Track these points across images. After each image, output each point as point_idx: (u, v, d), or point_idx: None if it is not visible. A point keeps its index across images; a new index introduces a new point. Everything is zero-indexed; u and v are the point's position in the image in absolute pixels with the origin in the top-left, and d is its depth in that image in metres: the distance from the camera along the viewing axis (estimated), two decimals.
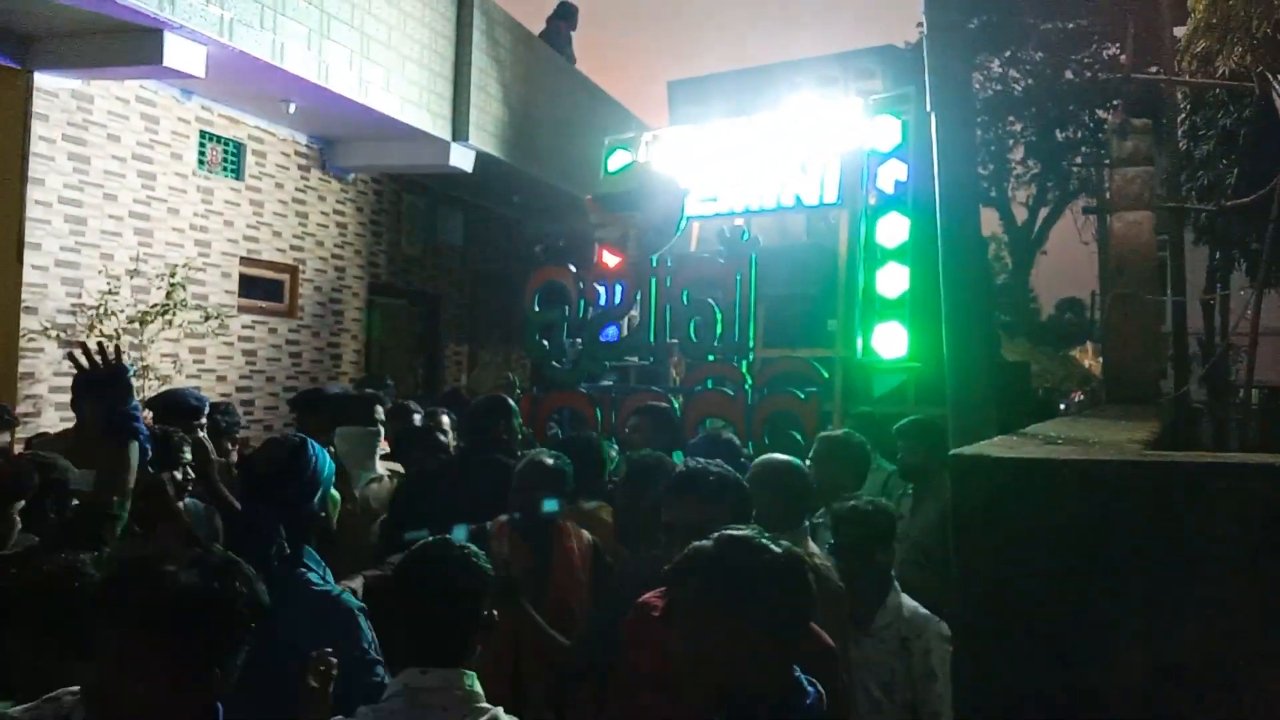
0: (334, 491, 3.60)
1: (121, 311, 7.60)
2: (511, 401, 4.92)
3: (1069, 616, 1.90)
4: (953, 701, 2.35)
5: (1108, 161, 9.07)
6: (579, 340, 6.78)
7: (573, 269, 6.86)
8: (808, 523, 3.56)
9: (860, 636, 3.29)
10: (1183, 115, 10.24)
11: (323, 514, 2.87)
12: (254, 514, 2.78)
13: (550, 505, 3.40)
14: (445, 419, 5.92)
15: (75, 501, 3.01)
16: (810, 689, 1.89)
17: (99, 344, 2.95)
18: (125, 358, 3.01)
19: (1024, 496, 1.92)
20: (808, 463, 4.08)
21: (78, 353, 2.92)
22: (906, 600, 3.42)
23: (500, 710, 2.13)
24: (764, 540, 1.93)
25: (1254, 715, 1.94)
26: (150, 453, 3.03)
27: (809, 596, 1.92)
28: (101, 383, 2.90)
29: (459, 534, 2.53)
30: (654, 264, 6.55)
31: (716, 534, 1.96)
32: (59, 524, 2.93)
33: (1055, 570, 1.90)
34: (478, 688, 2.15)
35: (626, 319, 6.74)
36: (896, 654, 3.30)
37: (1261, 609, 1.92)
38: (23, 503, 2.84)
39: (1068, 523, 1.95)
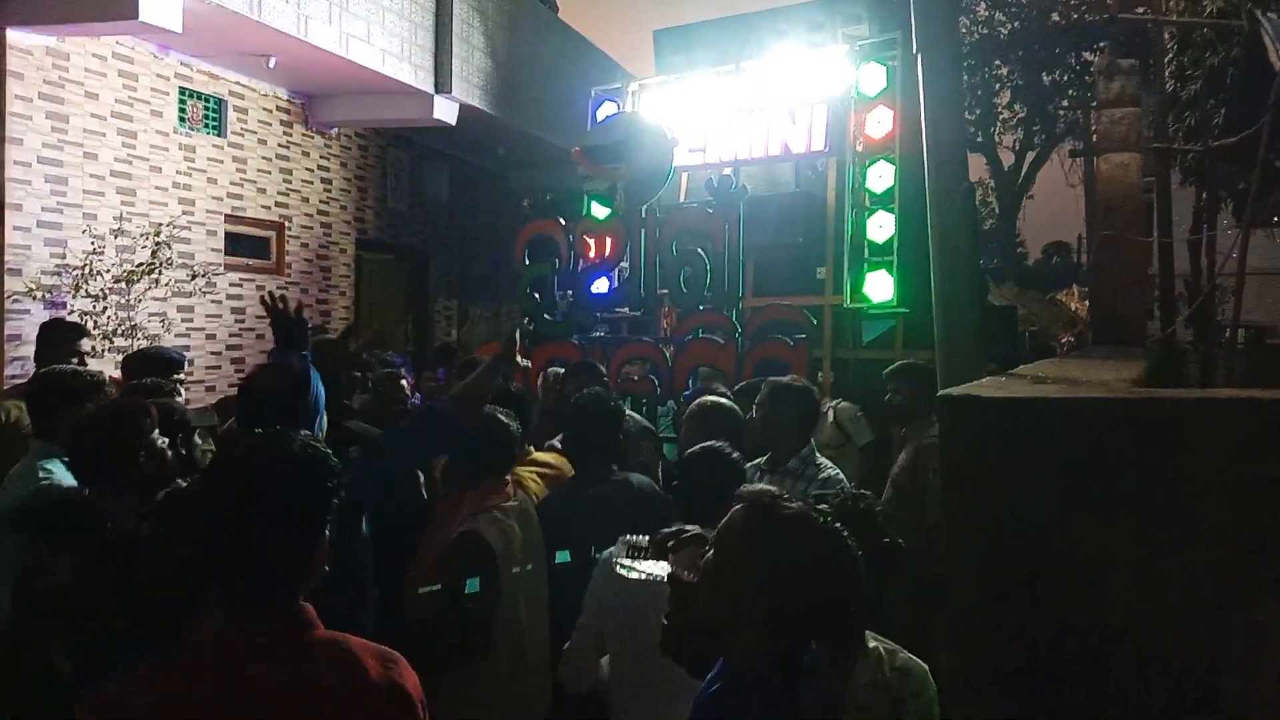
0: None
1: (107, 271, 7.55)
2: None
3: (1057, 556, 1.93)
4: (940, 642, 2.36)
5: (1094, 104, 9.03)
6: (569, 293, 6.79)
7: (561, 221, 6.84)
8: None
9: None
10: (1170, 55, 10.20)
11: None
12: None
13: None
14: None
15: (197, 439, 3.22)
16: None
17: (275, 294, 3.21)
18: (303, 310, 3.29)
19: (1012, 436, 1.95)
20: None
21: (267, 297, 3.20)
22: (887, 645, 2.41)
23: None
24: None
25: (1241, 648, 1.98)
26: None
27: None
28: (292, 329, 3.13)
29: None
30: (643, 215, 6.54)
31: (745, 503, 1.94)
32: (187, 459, 3.09)
33: (1043, 510, 1.92)
34: None
35: (617, 270, 6.74)
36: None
37: (1247, 543, 1.96)
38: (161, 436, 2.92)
39: (1056, 461, 1.98)
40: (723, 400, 4.13)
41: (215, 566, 1.77)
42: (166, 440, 2.93)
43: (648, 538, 2.38)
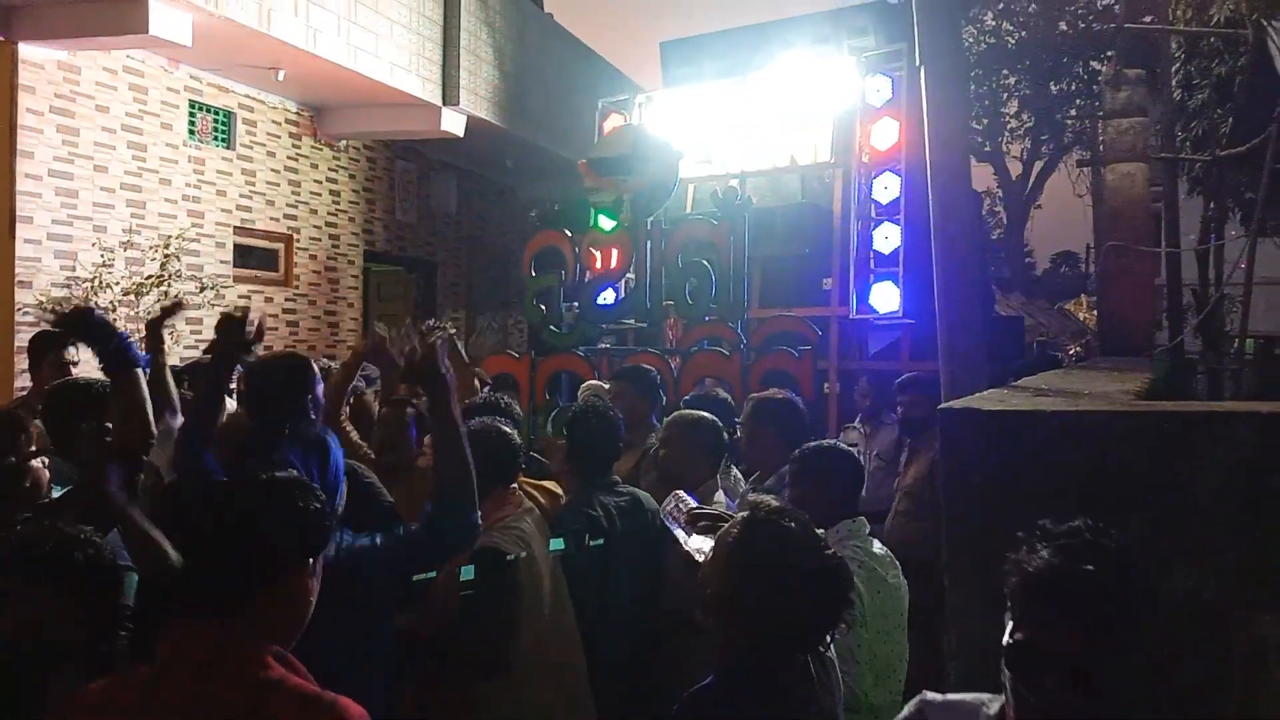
0: None
1: (116, 284, 7.60)
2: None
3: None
4: (934, 651, 2.37)
5: (1101, 114, 9.02)
6: (576, 304, 6.80)
7: (568, 233, 6.85)
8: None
9: None
10: (1177, 65, 10.18)
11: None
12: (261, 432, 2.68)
13: None
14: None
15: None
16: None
17: (40, 304, 2.98)
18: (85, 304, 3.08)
19: (1013, 449, 1.95)
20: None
21: (39, 313, 2.96)
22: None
23: None
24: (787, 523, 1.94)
25: (1243, 661, 1.98)
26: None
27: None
28: (80, 327, 2.86)
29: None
30: (649, 227, 6.55)
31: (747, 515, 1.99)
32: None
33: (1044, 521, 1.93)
34: None
35: (623, 282, 6.75)
36: None
37: (1249, 555, 1.96)
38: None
39: (1057, 474, 1.98)
40: (695, 412, 3.96)
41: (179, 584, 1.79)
42: (45, 460, 2.91)
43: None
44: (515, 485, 3.32)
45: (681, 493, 2.63)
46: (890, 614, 2.70)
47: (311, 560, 1.80)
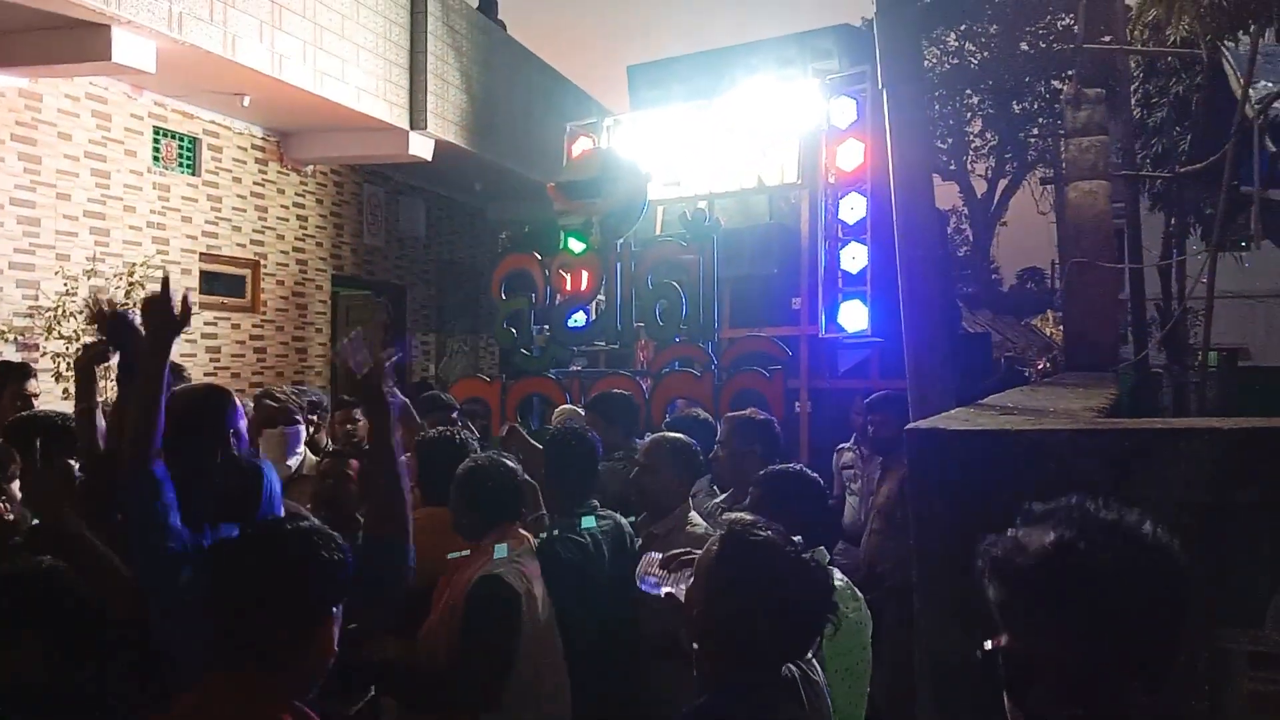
0: None
1: (80, 312, 7.50)
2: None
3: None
4: (907, 671, 2.37)
5: (1063, 132, 9.17)
6: (546, 327, 6.80)
7: (538, 256, 6.86)
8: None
9: None
10: (1136, 84, 10.37)
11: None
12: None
13: None
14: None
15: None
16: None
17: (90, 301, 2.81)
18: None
19: (978, 468, 1.97)
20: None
21: (91, 307, 2.71)
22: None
23: None
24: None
25: (1207, 671, 2.00)
26: None
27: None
28: (120, 334, 2.67)
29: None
30: (618, 249, 6.57)
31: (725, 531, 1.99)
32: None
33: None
34: None
35: (593, 304, 6.76)
36: None
37: (1211, 570, 1.98)
38: None
39: (1022, 492, 2.00)
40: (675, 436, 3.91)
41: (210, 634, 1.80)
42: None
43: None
44: (516, 522, 3.27)
45: (651, 554, 2.58)
46: (852, 649, 2.62)
47: (335, 609, 1.80)
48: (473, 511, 3.09)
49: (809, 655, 1.99)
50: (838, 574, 2.83)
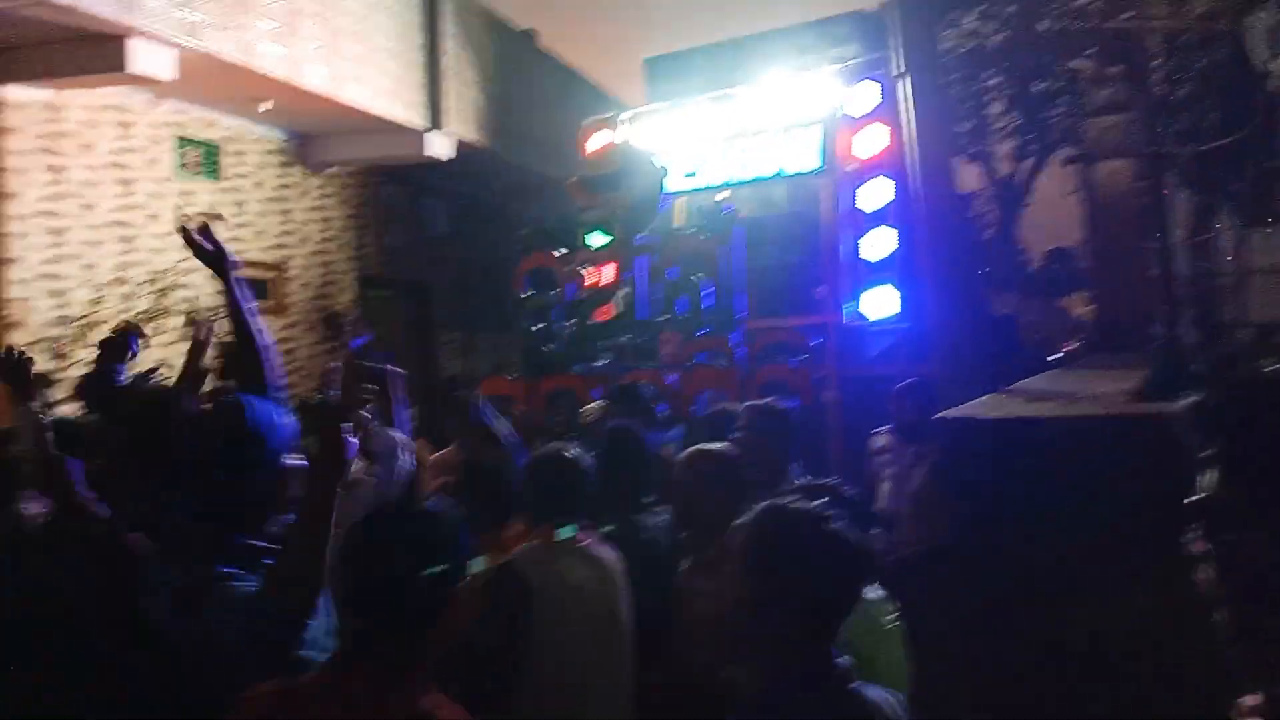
0: None
1: (109, 321, 7.58)
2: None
3: (1053, 568, 1.92)
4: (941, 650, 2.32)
5: (1086, 110, 9.05)
6: (571, 322, 6.80)
7: (560, 252, 6.87)
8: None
9: None
10: (1158, 60, 10.22)
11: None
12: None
13: None
14: None
15: None
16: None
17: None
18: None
19: (1010, 455, 1.94)
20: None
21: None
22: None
23: None
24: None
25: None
26: None
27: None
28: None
29: None
30: (639, 243, 6.56)
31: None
32: None
33: (1044, 524, 1.92)
34: None
35: (617, 298, 6.76)
36: None
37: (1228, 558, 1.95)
38: None
39: (1056, 476, 1.97)
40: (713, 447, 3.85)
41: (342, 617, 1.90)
42: None
43: None
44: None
45: None
46: (892, 663, 2.38)
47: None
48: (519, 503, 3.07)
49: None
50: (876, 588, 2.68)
